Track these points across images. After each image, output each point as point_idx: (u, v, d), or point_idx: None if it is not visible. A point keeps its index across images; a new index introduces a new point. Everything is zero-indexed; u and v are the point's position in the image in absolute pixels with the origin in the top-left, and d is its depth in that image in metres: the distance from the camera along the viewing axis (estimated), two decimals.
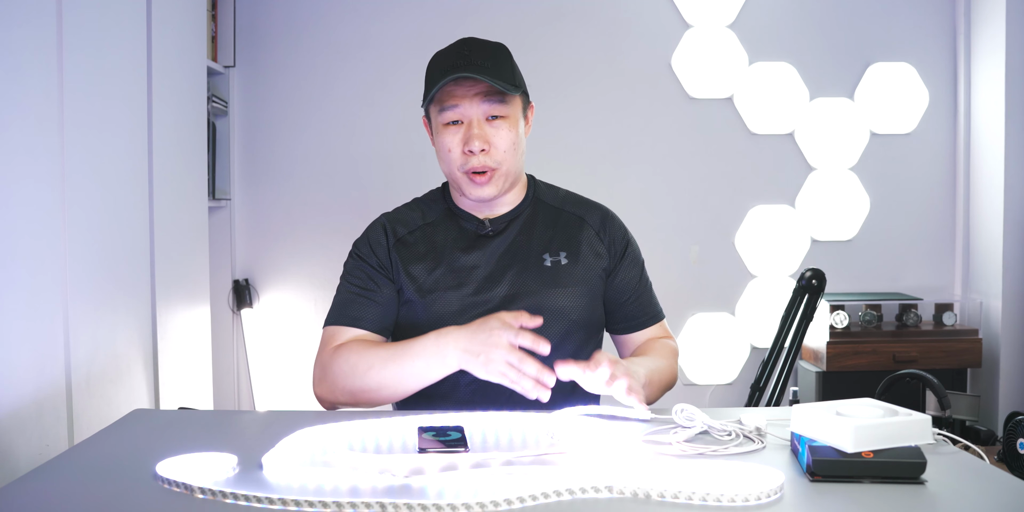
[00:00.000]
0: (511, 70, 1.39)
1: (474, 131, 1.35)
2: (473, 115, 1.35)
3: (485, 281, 1.40)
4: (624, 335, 1.52)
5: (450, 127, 1.37)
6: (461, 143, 1.36)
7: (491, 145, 1.36)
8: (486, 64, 1.34)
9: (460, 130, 1.36)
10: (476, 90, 1.34)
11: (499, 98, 1.35)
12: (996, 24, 2.93)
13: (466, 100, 1.35)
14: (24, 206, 1.51)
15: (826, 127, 3.08)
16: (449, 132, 1.37)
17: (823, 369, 2.85)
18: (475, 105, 1.35)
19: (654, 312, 1.52)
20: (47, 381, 1.57)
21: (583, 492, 0.90)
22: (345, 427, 1.15)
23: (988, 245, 3.00)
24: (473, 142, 1.34)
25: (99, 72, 1.79)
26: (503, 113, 1.36)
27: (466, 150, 1.36)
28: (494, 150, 1.36)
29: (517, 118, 1.39)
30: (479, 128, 1.35)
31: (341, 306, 1.41)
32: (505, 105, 1.36)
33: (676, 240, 3.08)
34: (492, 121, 1.36)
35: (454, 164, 1.38)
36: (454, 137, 1.36)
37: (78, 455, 1.06)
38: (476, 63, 1.34)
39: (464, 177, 1.38)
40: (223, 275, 2.95)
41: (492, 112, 1.36)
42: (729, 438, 1.10)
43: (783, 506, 0.88)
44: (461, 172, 1.38)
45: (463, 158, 1.36)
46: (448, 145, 1.37)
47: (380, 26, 2.98)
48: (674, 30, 3.04)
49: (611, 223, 1.50)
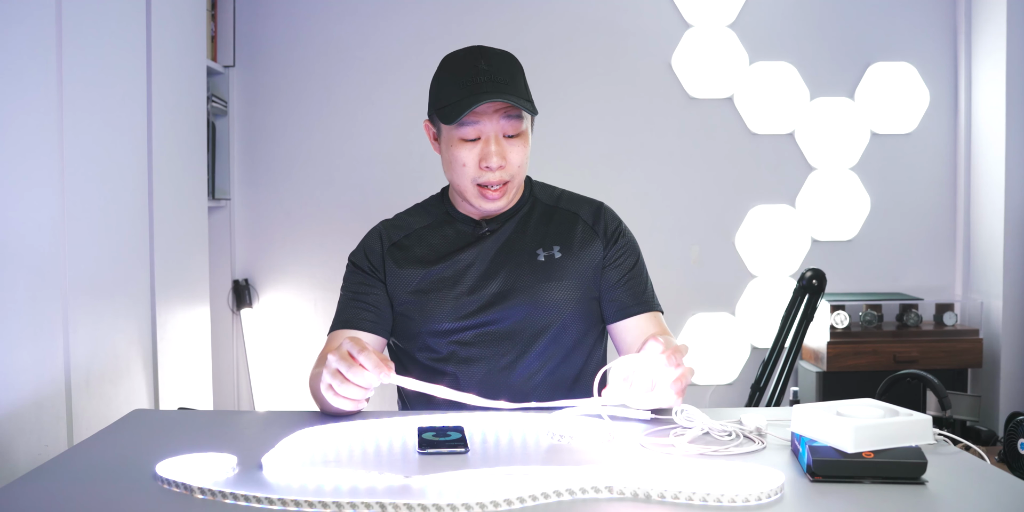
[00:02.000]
0: (525, 84, 1.40)
1: (492, 148, 1.35)
2: (491, 131, 1.35)
3: (479, 279, 1.41)
4: (618, 324, 1.45)
5: (466, 143, 1.37)
6: (478, 158, 1.36)
7: (507, 161, 1.36)
8: (505, 80, 1.35)
9: (477, 146, 1.36)
10: (496, 107, 1.34)
11: (517, 114, 1.36)
12: (997, 24, 2.93)
13: (486, 117, 1.34)
14: (24, 206, 1.51)
15: (826, 127, 3.08)
16: (465, 147, 1.36)
17: (823, 369, 2.85)
18: (494, 122, 1.35)
19: (647, 300, 1.46)
20: (47, 381, 1.57)
21: (583, 492, 0.90)
22: (345, 427, 1.15)
23: (989, 245, 3.00)
24: (491, 159, 1.34)
25: (99, 72, 1.79)
26: (519, 130, 1.37)
27: (483, 166, 1.36)
28: (509, 166, 1.37)
29: (528, 131, 1.40)
30: (497, 145, 1.35)
31: (338, 314, 1.45)
32: (521, 121, 1.37)
33: (676, 240, 3.08)
34: (509, 139, 1.37)
35: (467, 177, 1.38)
36: (471, 152, 1.36)
37: (78, 455, 1.06)
38: (497, 79, 1.34)
39: (475, 190, 1.38)
40: (223, 275, 2.95)
41: (509, 131, 1.36)
42: (729, 439, 1.10)
43: (783, 506, 0.88)
44: (473, 185, 1.38)
45: (478, 172, 1.37)
46: (463, 160, 1.37)
47: (380, 26, 2.98)
48: (674, 30, 3.04)
49: (604, 214, 1.49)
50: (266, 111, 2.99)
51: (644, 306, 1.45)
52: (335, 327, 1.43)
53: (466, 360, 1.40)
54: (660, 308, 1.49)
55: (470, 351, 1.40)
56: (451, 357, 1.40)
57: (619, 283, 1.45)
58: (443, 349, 1.40)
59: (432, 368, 1.42)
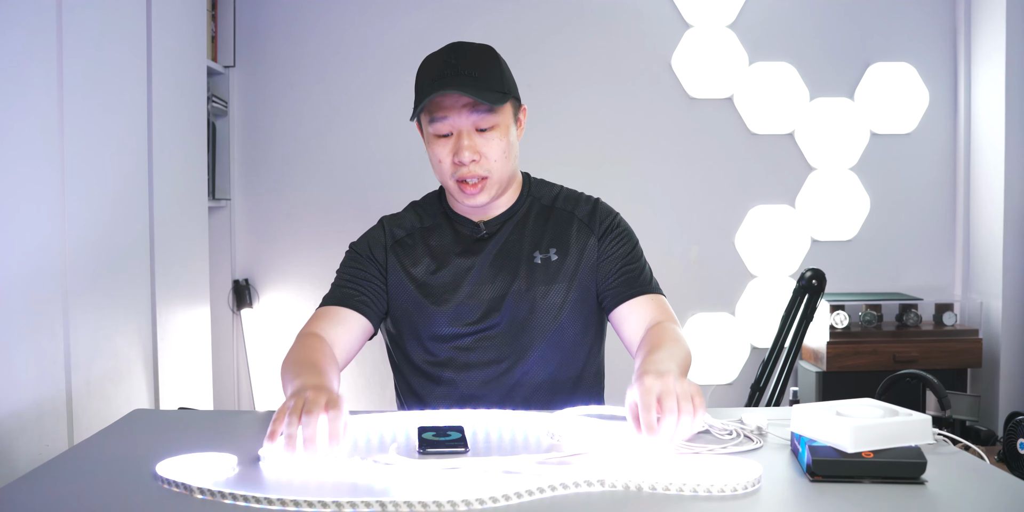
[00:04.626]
0: (499, 77, 1.36)
1: (464, 142, 1.34)
2: (462, 126, 1.34)
3: (478, 283, 1.40)
4: (617, 310, 1.41)
5: (440, 139, 1.36)
6: (451, 154, 1.35)
7: (481, 155, 1.35)
8: (473, 73, 1.33)
9: (450, 142, 1.35)
10: (464, 102, 1.33)
11: (487, 108, 1.34)
12: (996, 24, 2.93)
13: (454, 112, 1.33)
14: (24, 206, 1.51)
15: (826, 127, 3.08)
16: (439, 143, 1.36)
17: (823, 369, 2.85)
18: (463, 116, 1.33)
19: (643, 283, 1.42)
20: (47, 381, 1.57)
21: (576, 486, 0.91)
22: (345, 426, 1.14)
23: (988, 245, 3.00)
24: (463, 153, 1.33)
25: (99, 72, 1.79)
26: (492, 123, 1.35)
27: (456, 161, 1.35)
28: (484, 160, 1.35)
29: (507, 125, 1.37)
30: (469, 139, 1.34)
31: (331, 292, 1.43)
32: (494, 114, 1.34)
33: (676, 240, 3.08)
34: (482, 132, 1.35)
35: (445, 174, 1.38)
36: (444, 148, 1.36)
37: (78, 455, 1.06)
38: (463, 73, 1.32)
39: (455, 186, 1.38)
40: (223, 275, 2.95)
41: (480, 124, 1.34)
42: (730, 437, 1.10)
43: (783, 506, 0.88)
44: (453, 181, 1.37)
45: (453, 168, 1.36)
46: (439, 156, 1.37)
47: (380, 26, 2.98)
48: (674, 30, 3.04)
49: (598, 209, 1.48)
50: (266, 111, 2.99)
51: (641, 288, 1.40)
52: (327, 303, 1.40)
53: (465, 365, 1.39)
54: (661, 291, 1.43)
55: (469, 356, 1.39)
56: (449, 362, 1.40)
57: (614, 271, 1.42)
58: (442, 354, 1.40)
59: (429, 373, 1.41)
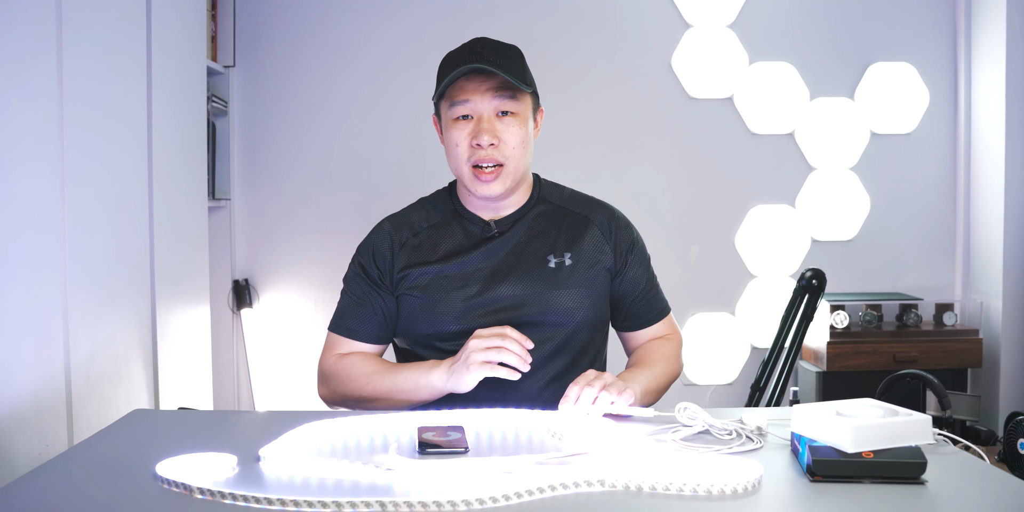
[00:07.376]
0: (523, 69, 1.39)
1: (484, 125, 1.35)
2: (484, 110, 1.36)
3: (489, 282, 1.40)
4: (629, 333, 1.54)
5: (459, 122, 1.37)
6: (469, 137, 1.36)
7: (500, 140, 1.35)
8: (499, 61, 1.35)
9: (469, 125, 1.36)
10: (488, 85, 1.34)
11: (510, 94, 1.36)
12: (996, 24, 2.93)
13: (477, 95, 1.35)
14: (24, 206, 1.51)
15: (826, 127, 3.08)
16: (458, 127, 1.37)
17: (823, 369, 2.85)
18: (486, 100, 1.35)
19: (660, 309, 1.53)
20: (47, 381, 1.57)
21: (576, 486, 0.91)
22: (345, 426, 1.15)
23: (988, 245, 3.00)
24: (482, 136, 1.34)
25: (99, 72, 1.79)
26: (514, 109, 1.37)
27: (474, 144, 1.35)
28: (503, 145, 1.36)
29: (527, 116, 1.39)
30: (489, 123, 1.35)
31: (341, 315, 1.46)
32: (516, 102, 1.37)
33: (676, 240, 3.08)
34: (502, 117, 1.36)
35: (461, 159, 1.37)
36: (463, 131, 1.36)
37: (78, 455, 1.06)
38: (489, 59, 1.34)
39: (470, 173, 1.37)
40: (223, 275, 2.95)
41: (503, 108, 1.36)
42: (730, 437, 1.10)
43: (783, 506, 0.88)
44: (468, 166, 1.37)
45: (470, 151, 1.36)
46: (456, 139, 1.37)
47: (380, 26, 2.98)
48: (674, 30, 3.04)
49: (617, 223, 1.49)
50: (266, 111, 2.99)
51: (658, 316, 1.53)
52: (337, 330, 1.45)
53: None
54: (669, 307, 1.55)
55: None
56: None
57: (636, 299, 1.50)
58: (449, 351, 1.40)
59: None
